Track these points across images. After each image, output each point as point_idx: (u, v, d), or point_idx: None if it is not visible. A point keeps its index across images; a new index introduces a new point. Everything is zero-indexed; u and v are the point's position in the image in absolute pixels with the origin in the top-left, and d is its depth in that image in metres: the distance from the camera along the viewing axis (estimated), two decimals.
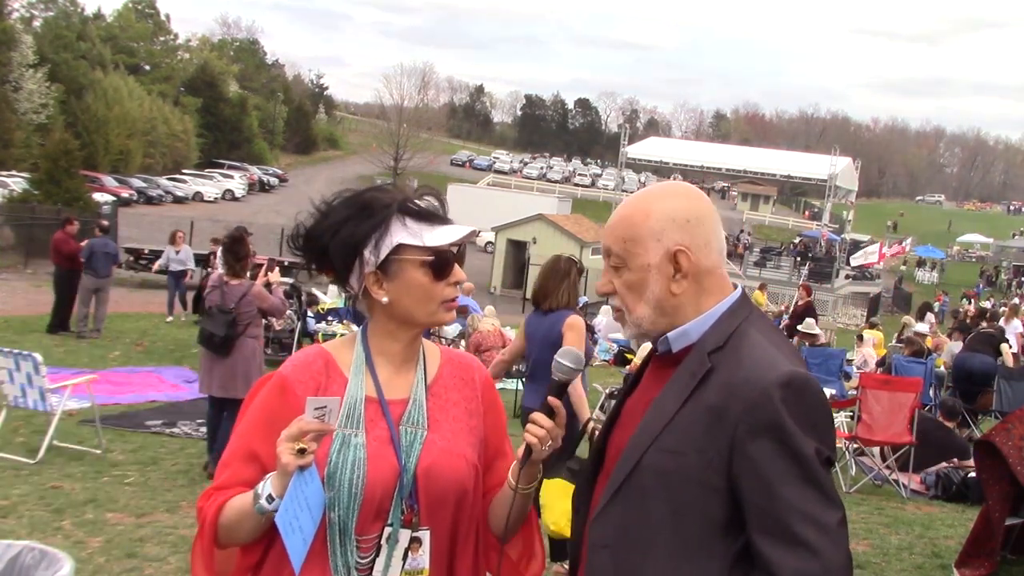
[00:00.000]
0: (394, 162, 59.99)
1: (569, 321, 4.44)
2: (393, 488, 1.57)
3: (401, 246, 1.60)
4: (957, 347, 12.68)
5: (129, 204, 34.67)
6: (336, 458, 1.55)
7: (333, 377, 1.64)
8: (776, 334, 1.53)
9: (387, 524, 1.58)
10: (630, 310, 1.53)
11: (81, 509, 5.42)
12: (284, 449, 1.46)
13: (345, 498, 1.54)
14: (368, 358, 1.66)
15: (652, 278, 1.49)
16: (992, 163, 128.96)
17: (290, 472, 1.46)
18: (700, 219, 1.51)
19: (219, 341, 6.22)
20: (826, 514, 1.34)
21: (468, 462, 1.65)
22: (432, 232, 1.61)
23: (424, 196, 1.66)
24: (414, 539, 1.60)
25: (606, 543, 1.47)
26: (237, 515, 1.55)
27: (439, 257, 1.61)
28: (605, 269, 1.57)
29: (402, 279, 1.61)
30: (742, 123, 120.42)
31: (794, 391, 1.37)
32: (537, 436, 1.59)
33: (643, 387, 1.61)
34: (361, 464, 1.56)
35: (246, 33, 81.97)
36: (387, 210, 1.60)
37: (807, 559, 1.31)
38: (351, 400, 1.61)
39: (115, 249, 13.14)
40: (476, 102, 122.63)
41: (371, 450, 1.57)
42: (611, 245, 1.54)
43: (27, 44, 38.16)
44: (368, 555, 1.57)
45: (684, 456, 1.40)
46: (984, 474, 5.05)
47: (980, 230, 68.73)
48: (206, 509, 1.59)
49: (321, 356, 1.68)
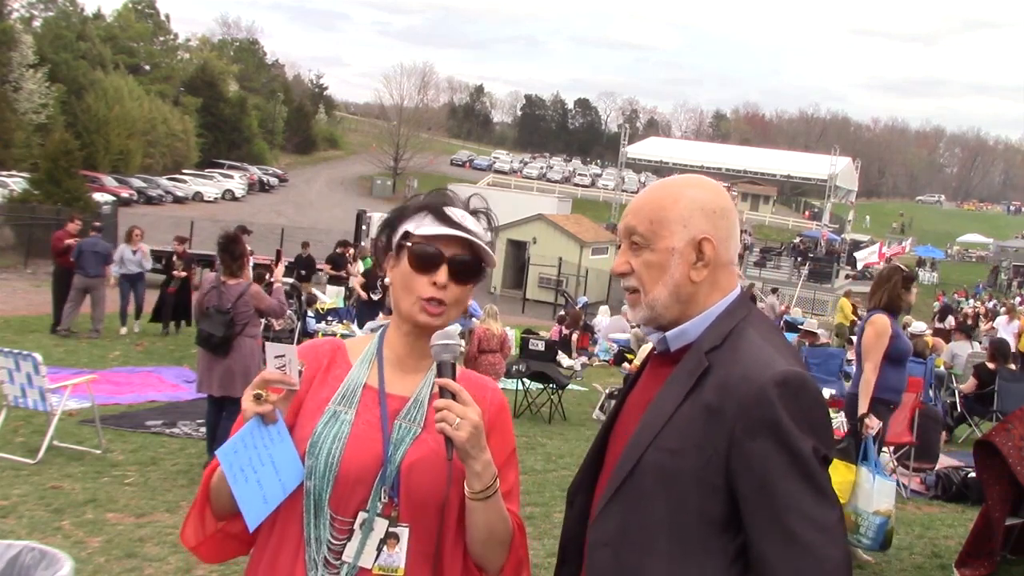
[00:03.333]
0: (394, 162, 59.99)
1: (868, 319, 5.26)
2: (373, 475, 1.57)
3: (407, 233, 1.65)
4: (957, 347, 12.69)
5: (129, 204, 34.63)
6: (322, 428, 1.59)
7: (338, 363, 1.69)
8: (775, 334, 1.53)
9: (364, 509, 1.57)
10: (647, 291, 1.53)
11: (81, 509, 5.41)
12: (246, 396, 1.53)
13: (322, 467, 1.57)
14: (379, 351, 1.70)
15: (674, 262, 1.50)
16: (992, 163, 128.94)
17: (249, 418, 1.53)
18: (725, 213, 1.54)
19: (217, 341, 6.22)
20: (824, 513, 1.34)
21: (458, 469, 1.56)
22: (432, 226, 1.63)
23: (459, 201, 1.71)
24: (391, 534, 1.57)
25: (607, 542, 1.48)
26: (218, 477, 1.60)
27: (420, 247, 1.62)
28: (624, 249, 1.57)
29: (399, 264, 1.66)
30: (742, 123, 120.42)
31: (791, 390, 1.37)
32: (446, 420, 1.48)
33: (642, 386, 1.61)
34: (342, 439, 1.58)
35: (246, 33, 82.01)
36: (420, 206, 1.68)
37: (805, 557, 1.31)
38: (350, 382, 1.65)
39: (105, 248, 12.90)
40: (476, 102, 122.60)
41: (356, 430, 1.59)
42: (636, 225, 1.54)
43: (27, 44, 38.14)
44: (343, 538, 1.57)
45: (683, 455, 1.40)
46: (984, 474, 5.05)
47: (980, 230, 68.73)
48: (203, 476, 1.65)
49: (332, 344, 1.74)
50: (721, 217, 1.52)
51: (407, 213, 1.69)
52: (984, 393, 10.02)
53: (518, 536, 1.65)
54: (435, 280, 1.62)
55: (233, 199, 46.81)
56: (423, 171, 60.48)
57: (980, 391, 10.09)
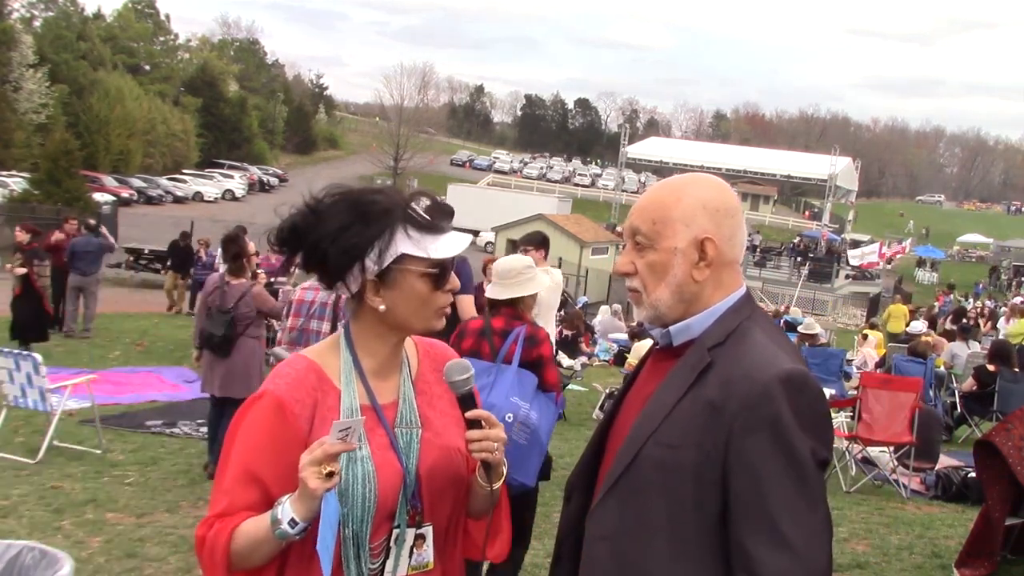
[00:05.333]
0: (394, 162, 59.97)
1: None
2: (400, 491, 1.59)
3: (404, 256, 1.57)
4: (957, 347, 12.69)
5: (129, 204, 34.68)
6: (346, 474, 1.52)
7: (326, 390, 1.61)
8: (778, 333, 1.53)
9: (394, 526, 1.59)
10: (649, 291, 1.53)
11: (81, 509, 5.41)
12: (311, 473, 1.42)
13: (360, 512, 1.54)
14: (356, 363, 1.64)
15: (676, 262, 1.50)
16: (992, 163, 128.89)
17: (319, 496, 1.43)
18: (729, 212, 1.53)
19: (218, 341, 6.22)
20: (813, 517, 1.34)
21: (462, 454, 1.67)
22: (436, 243, 1.59)
23: (423, 201, 1.63)
24: (419, 536, 1.62)
25: (604, 535, 1.48)
26: (251, 542, 1.50)
27: (442, 268, 1.61)
28: (627, 249, 1.57)
29: (402, 288, 1.59)
30: (742, 123, 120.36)
31: (794, 388, 1.37)
32: (487, 451, 1.59)
33: (643, 380, 1.62)
34: (371, 477, 1.55)
35: (246, 33, 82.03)
36: (389, 217, 1.57)
37: (791, 560, 1.31)
38: (348, 412, 1.59)
39: (97, 247, 12.90)
40: (476, 102, 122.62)
41: (377, 460, 1.57)
42: (639, 225, 1.54)
43: (27, 44, 38.20)
44: (378, 560, 1.59)
45: (682, 450, 1.41)
46: (984, 474, 5.05)
47: (980, 230, 68.71)
48: (213, 539, 1.52)
49: (311, 369, 1.62)
50: (725, 216, 1.52)
51: (378, 235, 1.56)
52: (984, 393, 10.01)
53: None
54: (449, 288, 1.64)
55: (233, 199, 46.83)
56: (423, 171, 60.43)
57: (980, 391, 10.08)
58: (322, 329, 5.16)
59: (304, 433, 1.55)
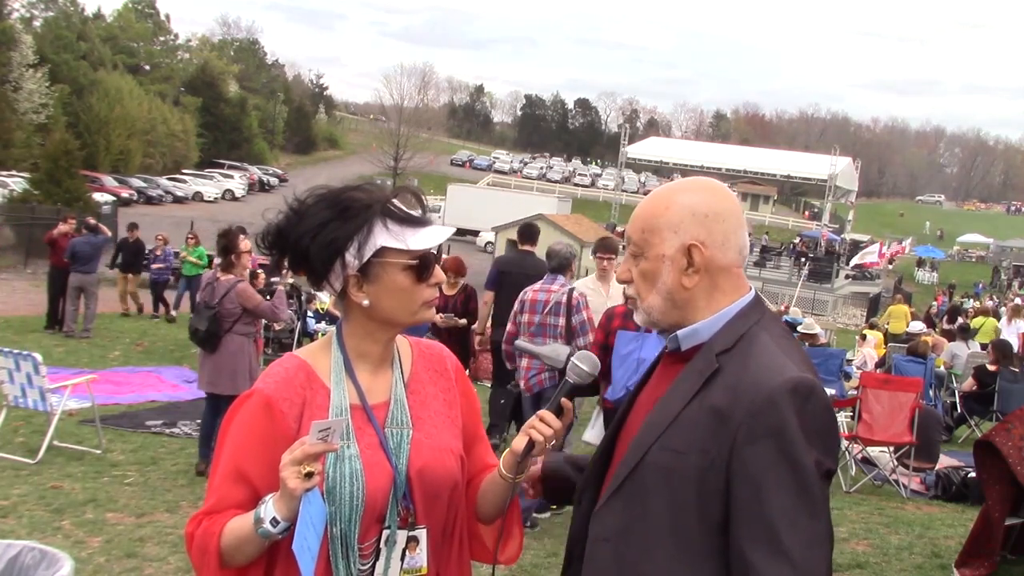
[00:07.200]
0: (394, 162, 59.96)
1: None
2: (389, 492, 1.58)
3: (384, 249, 1.58)
4: (957, 347, 12.68)
5: (129, 204, 34.68)
6: (333, 473, 1.54)
7: (316, 389, 1.61)
8: (788, 340, 1.52)
9: (384, 527, 1.58)
10: (642, 299, 1.55)
11: (81, 509, 5.42)
12: (290, 473, 1.43)
13: (347, 511, 1.54)
14: (347, 363, 1.64)
15: (665, 269, 1.51)
16: (992, 163, 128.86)
17: (298, 496, 1.44)
18: (720, 216, 1.51)
19: (202, 336, 6.26)
20: (814, 527, 1.34)
21: (455, 455, 1.66)
22: (415, 235, 1.60)
23: (404, 196, 1.65)
24: (411, 538, 1.60)
25: (607, 537, 1.48)
26: (236, 540, 1.51)
27: (422, 260, 1.61)
28: (626, 257, 1.60)
29: (384, 282, 1.60)
30: (742, 123, 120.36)
31: (800, 397, 1.36)
32: (544, 435, 1.62)
33: (652, 384, 1.61)
34: (359, 475, 1.55)
35: (246, 33, 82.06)
36: (368, 212, 1.58)
37: (790, 570, 1.31)
38: (336, 411, 1.59)
39: (97, 246, 12.88)
40: (476, 102, 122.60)
41: (365, 459, 1.57)
42: (632, 234, 1.56)
43: (27, 44, 38.17)
44: (368, 561, 1.58)
45: (686, 456, 1.40)
46: (984, 474, 5.05)
47: (980, 230, 68.72)
48: (202, 536, 1.54)
49: (301, 368, 1.63)
50: (716, 220, 1.50)
51: (357, 230, 1.56)
52: (984, 393, 10.01)
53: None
54: (434, 281, 1.64)
55: (233, 199, 46.85)
56: (423, 171, 60.44)
57: (980, 391, 10.08)
58: (559, 323, 5.76)
59: (292, 432, 1.56)
